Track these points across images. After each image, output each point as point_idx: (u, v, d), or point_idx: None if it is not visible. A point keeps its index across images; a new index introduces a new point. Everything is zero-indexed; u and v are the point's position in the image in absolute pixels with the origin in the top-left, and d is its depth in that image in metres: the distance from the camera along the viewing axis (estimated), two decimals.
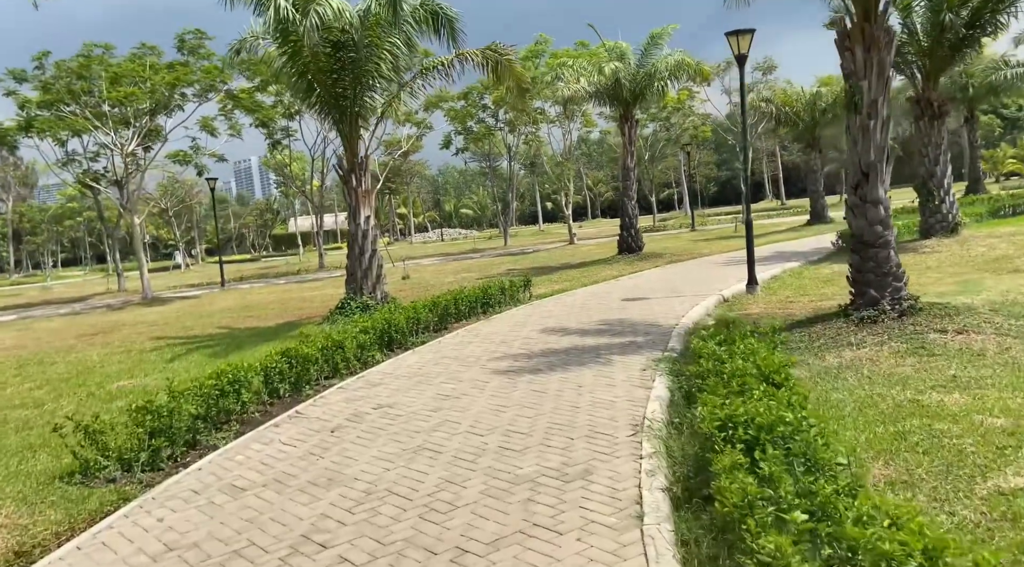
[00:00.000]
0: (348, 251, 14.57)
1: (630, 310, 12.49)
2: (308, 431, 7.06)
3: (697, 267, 18.86)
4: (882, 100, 8.40)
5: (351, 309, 13.94)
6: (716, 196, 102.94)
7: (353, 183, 14.13)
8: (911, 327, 8.08)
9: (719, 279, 15.78)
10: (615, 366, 8.32)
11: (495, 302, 14.65)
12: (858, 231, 8.70)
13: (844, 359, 7.56)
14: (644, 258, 22.57)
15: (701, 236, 33.16)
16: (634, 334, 10.23)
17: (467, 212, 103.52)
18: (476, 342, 10.97)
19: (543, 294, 16.19)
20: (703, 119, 48.11)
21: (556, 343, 10.11)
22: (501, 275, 22.91)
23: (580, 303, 14.13)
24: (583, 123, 39.73)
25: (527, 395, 7.42)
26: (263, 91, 34.94)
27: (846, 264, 16.54)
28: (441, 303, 12.91)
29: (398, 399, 7.90)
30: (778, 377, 5.55)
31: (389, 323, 11.35)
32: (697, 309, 11.94)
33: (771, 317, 10.49)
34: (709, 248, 24.86)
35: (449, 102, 38.26)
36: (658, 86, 21.96)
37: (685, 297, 13.50)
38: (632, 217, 23.11)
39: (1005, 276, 11.46)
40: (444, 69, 13.91)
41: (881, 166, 8.48)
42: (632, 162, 22.99)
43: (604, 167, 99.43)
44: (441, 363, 9.66)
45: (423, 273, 27.91)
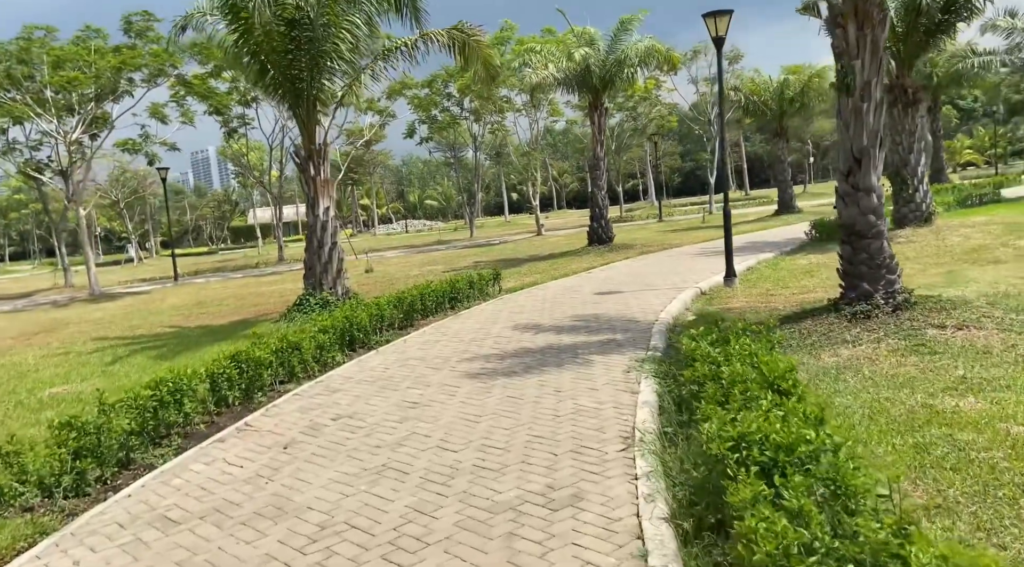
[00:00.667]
0: (306, 244, 13.71)
1: (605, 305, 11.92)
2: (257, 447, 6.30)
3: (669, 258, 18.40)
4: (876, 81, 7.90)
5: (310, 306, 13.11)
6: (680, 187, 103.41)
7: (311, 172, 13.26)
8: (908, 322, 7.62)
9: (693, 271, 15.31)
10: (595, 367, 7.71)
11: (463, 297, 13.95)
12: (849, 221, 8.22)
13: (841, 358, 7.06)
14: (614, 249, 22.06)
15: (669, 227, 32.85)
16: (612, 331, 9.64)
17: (432, 203, 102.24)
18: (444, 341, 10.27)
19: (513, 288, 15.53)
20: (670, 109, 47.84)
21: (530, 341, 9.46)
22: (468, 268, 22.18)
23: (552, 297, 13.51)
24: (550, 112, 39.11)
25: (502, 402, 6.77)
26: (217, 77, 33.52)
27: (822, 254, 16.40)
28: (406, 299, 12.16)
29: (360, 408, 7.17)
30: (784, 383, 4.98)
31: (350, 321, 10.58)
32: (675, 303, 11.41)
33: (754, 311, 10.00)
34: (679, 239, 24.47)
35: (413, 90, 37.24)
36: (628, 73, 21.39)
37: (661, 290, 12.97)
38: (602, 208, 22.57)
39: (988, 267, 11.16)
40: (408, 50, 13.10)
41: (874, 152, 8.00)
42: (602, 151, 22.42)
43: (570, 158, 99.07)
44: (407, 365, 8.94)
45: (387, 266, 27.04)
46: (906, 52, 16.32)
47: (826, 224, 17.95)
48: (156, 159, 32.20)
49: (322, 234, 13.37)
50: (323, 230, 13.38)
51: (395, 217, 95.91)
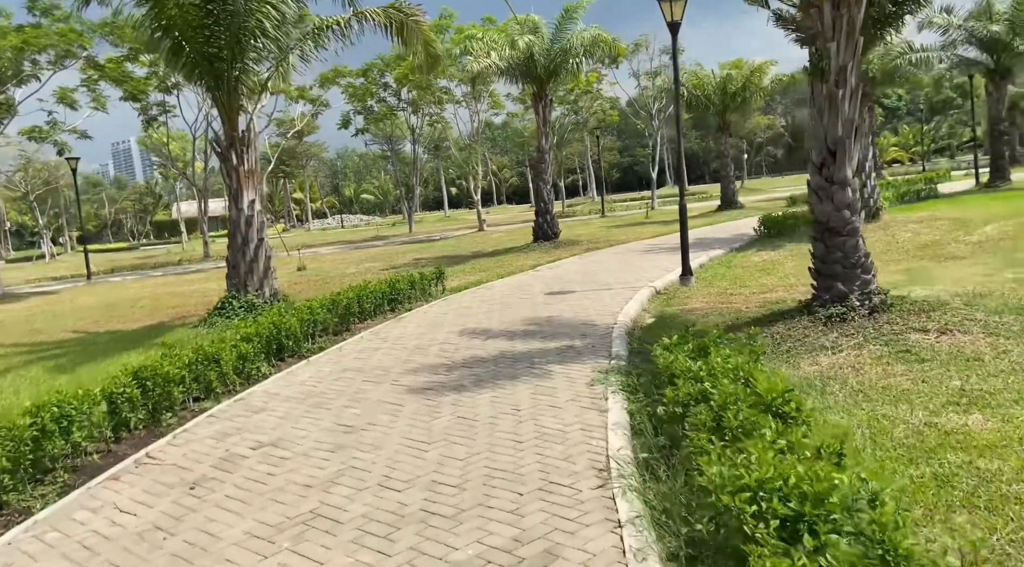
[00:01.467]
0: (229, 241, 12.47)
1: (558, 306, 11.16)
2: (159, 486, 5.26)
3: (619, 255, 17.83)
4: (852, 66, 7.35)
5: (233, 309, 11.91)
6: (619, 182, 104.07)
7: (234, 161, 12.03)
8: (887, 326, 7.11)
9: (646, 269, 14.74)
10: (556, 379, 6.92)
11: (404, 298, 12.98)
12: (823, 216, 7.67)
13: (822, 367, 6.47)
14: (560, 246, 21.39)
15: (612, 222, 32.48)
16: (569, 336, 8.87)
17: (368, 197, 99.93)
18: (385, 348, 9.31)
19: (457, 287, 14.64)
20: (611, 103, 47.59)
21: (481, 349, 8.61)
22: (408, 265, 21.15)
23: (500, 298, 12.69)
24: (491, 105, 38.19)
25: (454, 424, 5.89)
26: (134, 61, 31.33)
27: (774, 251, 16.07)
28: (342, 301, 11.12)
29: (286, 432, 6.18)
30: (786, 407, 4.28)
31: (278, 327, 9.50)
32: (632, 304, 10.75)
33: (717, 313, 9.41)
34: (625, 235, 24.01)
35: (347, 78, 35.73)
36: (573, 63, 20.70)
37: (615, 290, 12.31)
38: (547, 202, 21.85)
39: (947, 264, 10.90)
40: (340, 29, 12.00)
41: (850, 142, 7.45)
42: (547, 144, 21.71)
43: (509, 152, 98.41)
44: (343, 378, 7.96)
45: (321, 263, 25.69)
46: None
47: (774, 220, 17.70)
48: (66, 148, 29.83)
49: (247, 230, 12.17)
50: (248, 225, 12.17)
51: (330, 212, 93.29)
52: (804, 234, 17.64)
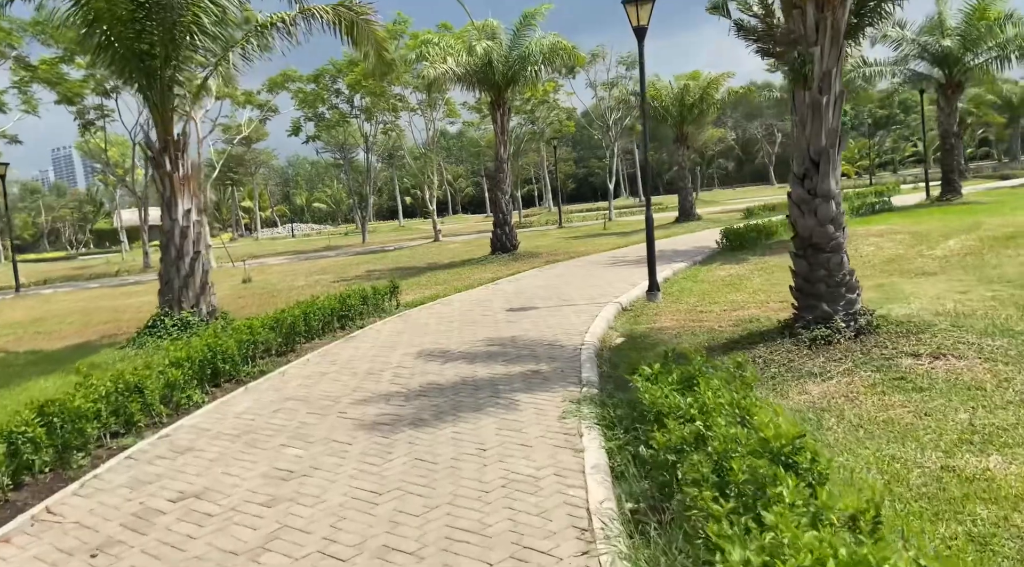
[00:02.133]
0: (162, 254, 11.46)
1: (520, 324, 10.50)
2: (55, 552, 4.39)
3: (580, 269, 17.29)
4: (836, 71, 6.92)
5: (165, 329, 10.91)
6: (574, 193, 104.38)
7: (167, 167, 11.05)
8: (876, 350, 6.65)
9: (609, 283, 14.21)
10: (523, 411, 6.24)
11: (356, 314, 12.16)
12: (805, 232, 7.19)
13: (813, 396, 5.94)
14: (519, 258, 20.78)
15: (570, 233, 32.06)
16: (534, 359, 8.22)
17: (320, 206, 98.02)
18: (333, 373, 8.50)
19: (413, 302, 13.86)
20: (568, 113, 47.34)
21: (439, 374, 7.88)
22: (361, 278, 20.25)
23: (459, 314, 11.97)
24: (446, 113, 37.50)
25: (410, 468, 5.16)
26: (70, 62, 29.70)
27: (738, 265, 15.68)
28: (286, 319, 10.25)
29: (214, 480, 5.35)
30: (799, 457, 3.68)
31: (214, 350, 8.61)
32: (599, 322, 10.16)
33: (690, 333, 8.88)
34: (584, 247, 23.54)
35: (297, 83, 34.59)
36: (532, 70, 20.18)
37: (579, 306, 11.72)
38: (506, 213, 21.23)
39: (919, 280, 10.62)
40: (285, 27, 11.17)
41: (834, 153, 7.01)
42: (506, 153, 21.10)
43: (465, 161, 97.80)
44: (284, 409, 7.14)
45: (269, 275, 24.55)
46: None
47: (737, 233, 17.42)
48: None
49: (182, 241, 11.19)
50: (183, 237, 11.19)
51: (280, 220, 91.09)
52: (766, 247, 17.44)
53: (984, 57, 22.81)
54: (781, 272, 13.25)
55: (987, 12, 21.90)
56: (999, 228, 15.73)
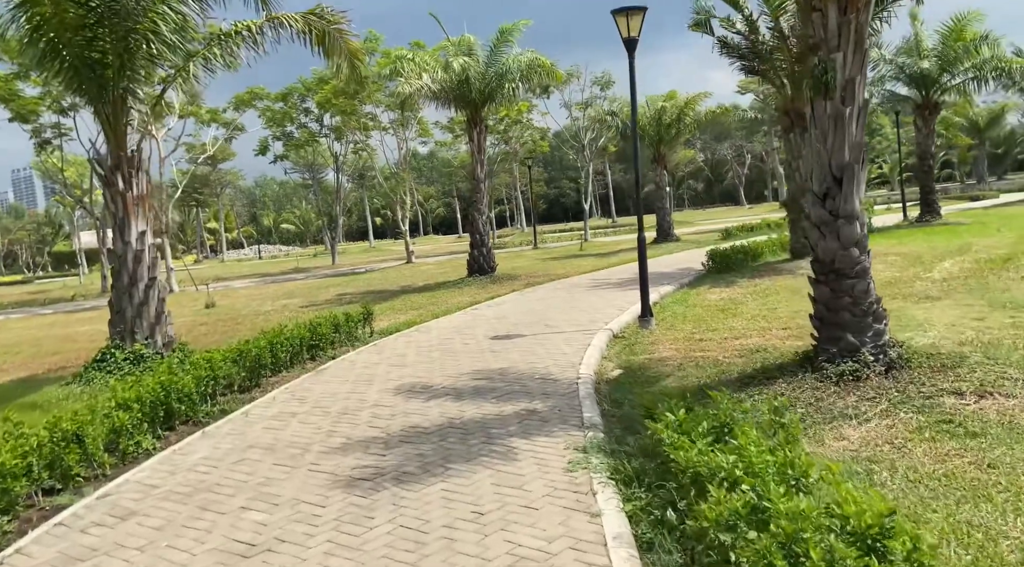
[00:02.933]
0: (114, 280, 10.47)
1: (508, 354, 9.71)
2: None
3: (562, 292, 16.58)
4: (860, 79, 6.34)
5: (116, 363, 9.91)
6: (545, 213, 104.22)
7: (120, 186, 10.10)
8: (912, 387, 6.00)
9: (596, 307, 13.51)
10: (523, 462, 5.46)
11: (327, 343, 11.28)
12: (827, 255, 6.55)
13: (853, 442, 5.25)
14: (498, 280, 20.02)
15: (547, 254, 31.44)
16: (527, 395, 7.44)
17: (289, 227, 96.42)
18: (303, 413, 7.62)
19: (388, 329, 13.01)
20: (542, 133, 46.97)
21: (422, 414, 7.05)
22: (332, 302, 19.32)
23: (439, 343, 11.14)
24: (419, 132, 36.80)
25: (395, 541, 4.33)
26: (25, 79, 28.45)
27: (727, 288, 15.04)
28: (251, 351, 9.34)
29: (157, 557, 4.45)
30: (894, 543, 2.95)
31: (168, 388, 7.69)
32: (591, 352, 9.43)
33: (695, 364, 8.18)
34: (563, 268, 22.88)
35: (265, 101, 33.61)
36: (509, 88, 19.60)
37: (567, 333, 10.98)
38: (483, 234, 20.48)
39: (926, 305, 10.08)
40: (251, 36, 10.36)
41: (858, 169, 6.41)
42: (483, 172, 20.40)
43: (436, 182, 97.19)
44: (246, 459, 6.25)
45: (234, 299, 23.43)
46: (802, 74, 15.63)
47: (723, 254, 16.90)
48: None
49: (135, 267, 10.21)
50: (136, 262, 10.22)
51: (247, 242, 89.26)
52: (754, 270, 16.91)
53: (961, 78, 22.88)
54: (775, 296, 12.70)
55: (963, 33, 21.98)
56: (990, 249, 15.43)
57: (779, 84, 16.21)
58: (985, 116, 51.32)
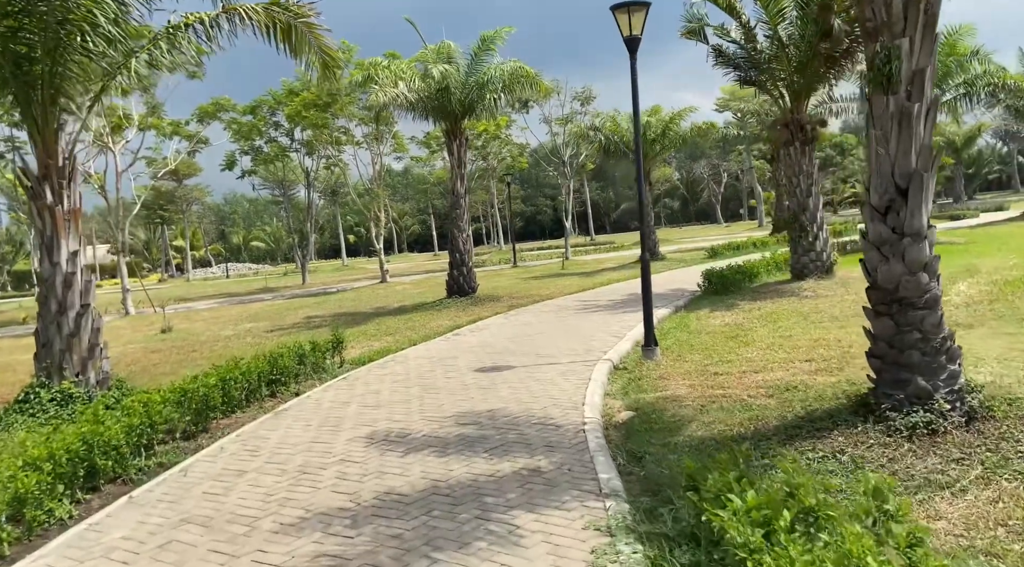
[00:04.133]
0: (40, 308, 9.04)
1: (497, 391, 8.49)
2: None
3: (550, 315, 15.40)
4: (930, 70, 5.28)
5: (40, 404, 8.47)
6: (522, 231, 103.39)
7: (48, 198, 8.72)
8: (1006, 445, 4.92)
9: (589, 333, 12.35)
10: (531, 549, 4.24)
11: (290, 377, 9.95)
12: (889, 282, 5.46)
13: (952, 523, 4.12)
14: (479, 302, 18.78)
15: (528, 273, 30.28)
16: (526, 447, 6.22)
17: (259, 244, 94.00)
18: (253, 471, 6.31)
19: (360, 358, 11.72)
20: (521, 149, 45.96)
21: (400, 474, 5.79)
22: (299, 326, 17.92)
23: (417, 376, 9.87)
24: (394, 147, 35.56)
25: None
26: None
27: (728, 311, 13.81)
28: (197, 392, 7.99)
29: None
30: None
31: (91, 441, 6.35)
32: (593, 387, 8.25)
33: (718, 406, 7.03)
34: (547, 288, 21.72)
35: (231, 113, 32.13)
36: (491, 98, 18.51)
37: (562, 364, 9.80)
38: (464, 252, 19.22)
39: (962, 334, 9.03)
40: (204, 29, 9.11)
41: (927, 178, 5.34)
42: (462, 187, 19.20)
43: (411, 199, 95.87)
44: (176, 541, 4.93)
45: (194, 322, 21.86)
46: (804, 84, 14.78)
47: (720, 275, 15.87)
48: None
49: (64, 293, 8.81)
50: (66, 287, 8.82)
51: (216, 260, 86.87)
52: (753, 291, 15.87)
53: (952, 94, 22.35)
54: (785, 321, 11.65)
55: (955, 48, 21.46)
56: (1001, 271, 14.61)
57: (776, 95, 15.33)
58: (962, 135, 51.52)
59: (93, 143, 27.97)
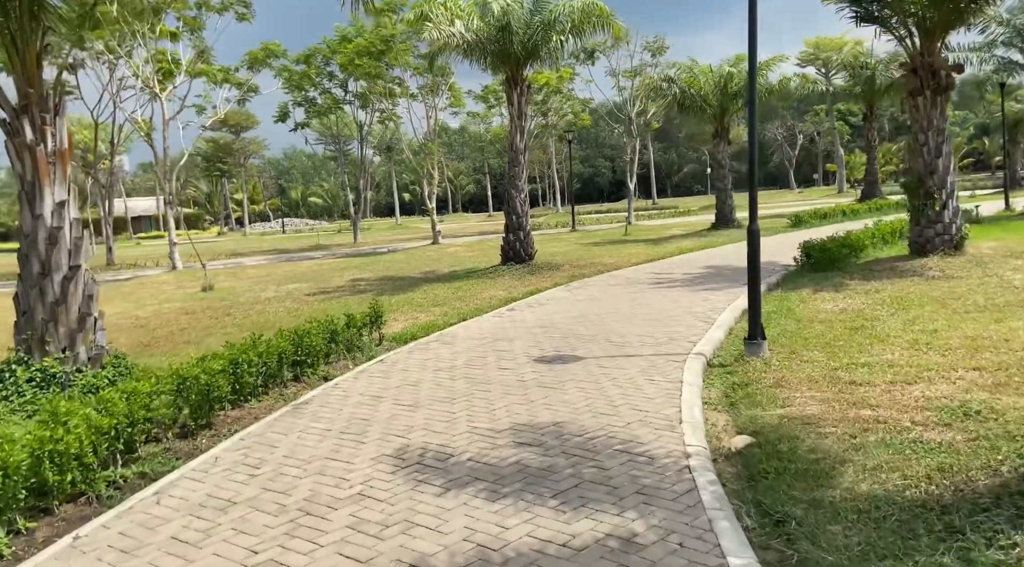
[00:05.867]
0: (20, 270, 7.63)
1: (564, 392, 6.73)
2: None
3: (619, 290, 13.49)
4: None
5: (16, 385, 7.10)
6: (579, 193, 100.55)
7: (28, 136, 7.24)
8: None
9: (668, 315, 10.45)
10: None
11: (319, 357, 8.41)
12: None
13: None
14: (537, 270, 16.98)
15: (588, 238, 28.27)
16: (612, 494, 4.46)
17: (316, 201, 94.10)
18: (243, 503, 4.74)
19: (401, 335, 10.14)
20: (584, 104, 43.38)
21: (434, 532, 4.11)
22: (343, 290, 16.51)
23: (465, 365, 8.19)
24: (451, 101, 33.64)
25: None
26: None
27: (838, 292, 10.84)
28: (198, 380, 6.47)
29: None
30: None
31: (42, 452, 4.89)
32: (689, 394, 6.42)
33: (877, 439, 5.11)
34: (611, 256, 19.76)
35: (281, 59, 30.63)
36: (557, 40, 16.42)
37: (643, 356, 7.97)
38: (521, 215, 17.37)
39: None
40: None
41: None
42: (522, 142, 17.27)
43: (466, 158, 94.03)
44: None
45: (239, 280, 20.76)
46: (937, 21, 12.23)
47: (821, 248, 13.63)
48: None
49: (49, 252, 7.38)
50: (51, 245, 7.38)
51: (274, 215, 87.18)
52: (861, 268, 13.54)
53: None
54: (917, 309, 9.48)
55: None
56: None
57: (903, 34, 12.79)
58: None
59: (141, 90, 26.97)
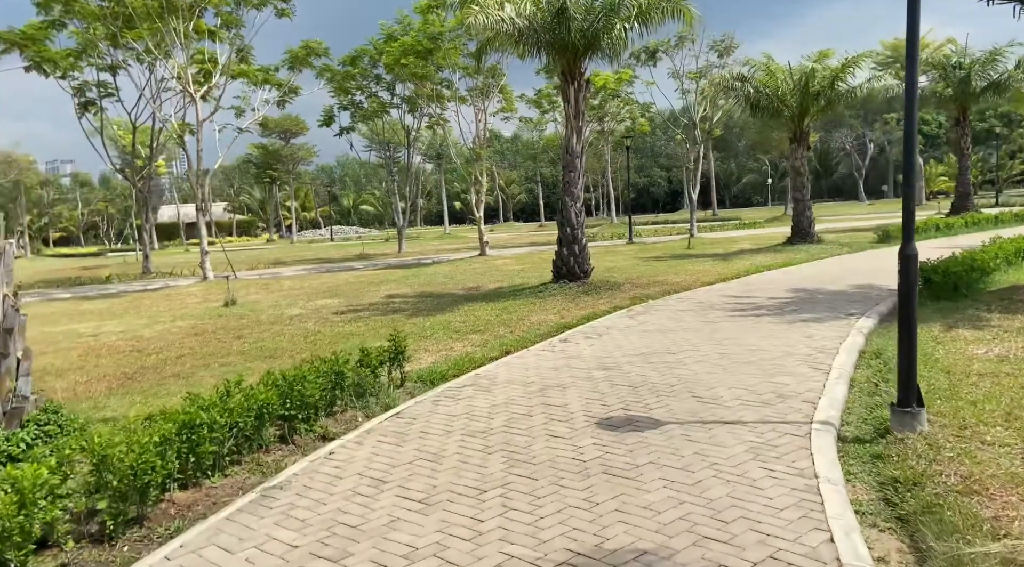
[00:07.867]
0: None
1: (643, 488, 4.64)
2: None
3: (693, 319, 11.25)
4: None
5: None
6: (633, 204, 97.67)
7: None
8: None
9: (766, 355, 8.21)
10: None
11: (314, 412, 6.53)
12: None
13: None
14: (593, 290, 14.86)
15: (647, 252, 25.99)
16: None
17: (368, 209, 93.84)
18: None
19: (429, 374, 8.21)
20: (644, 109, 41.01)
21: None
22: (375, 307, 14.74)
23: (503, 428, 6.16)
24: (502, 105, 31.82)
25: None
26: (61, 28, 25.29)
27: (989, 331, 8.09)
28: (124, 458, 4.62)
29: None
30: None
31: None
32: (834, 503, 4.27)
33: None
34: (676, 274, 17.48)
35: (323, 58, 29.29)
36: (620, 28, 14.36)
37: (744, 424, 5.82)
38: (576, 226, 15.29)
39: None
40: None
41: None
42: (579, 145, 15.23)
43: (518, 166, 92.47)
44: None
45: (268, 294, 19.23)
46: None
47: (943, 270, 11.18)
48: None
49: None
50: None
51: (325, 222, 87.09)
52: (998, 297, 11.07)
53: None
54: None
55: None
56: None
57: None
58: None
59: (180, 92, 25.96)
